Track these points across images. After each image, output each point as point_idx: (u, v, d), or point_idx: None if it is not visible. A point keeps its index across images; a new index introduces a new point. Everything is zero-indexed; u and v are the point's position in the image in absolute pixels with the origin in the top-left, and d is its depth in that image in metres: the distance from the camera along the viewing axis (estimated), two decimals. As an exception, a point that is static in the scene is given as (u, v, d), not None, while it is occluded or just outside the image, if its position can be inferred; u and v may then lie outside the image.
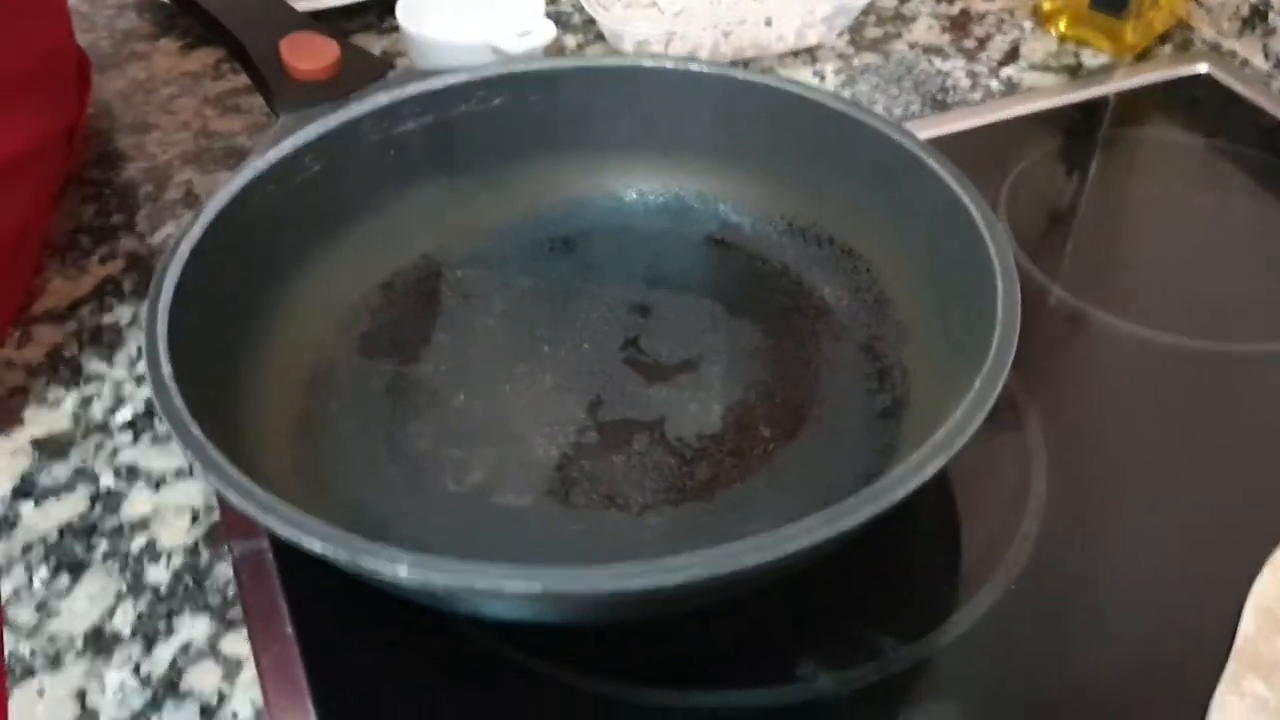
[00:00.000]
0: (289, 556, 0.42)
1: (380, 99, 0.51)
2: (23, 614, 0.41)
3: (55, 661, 0.39)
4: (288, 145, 0.49)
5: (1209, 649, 0.39)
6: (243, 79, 0.66)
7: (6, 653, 0.40)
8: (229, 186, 0.46)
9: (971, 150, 0.61)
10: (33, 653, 0.40)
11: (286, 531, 0.34)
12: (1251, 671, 0.38)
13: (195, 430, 0.37)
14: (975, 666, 0.40)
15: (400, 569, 0.33)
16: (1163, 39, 0.71)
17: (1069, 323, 0.52)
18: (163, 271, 0.42)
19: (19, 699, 0.39)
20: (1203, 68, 0.68)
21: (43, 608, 0.41)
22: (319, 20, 0.61)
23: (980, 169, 0.49)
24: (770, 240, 0.53)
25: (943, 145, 0.61)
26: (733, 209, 0.54)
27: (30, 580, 0.42)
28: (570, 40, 0.71)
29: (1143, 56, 0.69)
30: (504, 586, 0.33)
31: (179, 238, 0.44)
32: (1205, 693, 0.38)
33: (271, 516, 0.35)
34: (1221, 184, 0.60)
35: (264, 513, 0.35)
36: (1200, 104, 0.66)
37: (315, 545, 0.34)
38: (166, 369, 0.39)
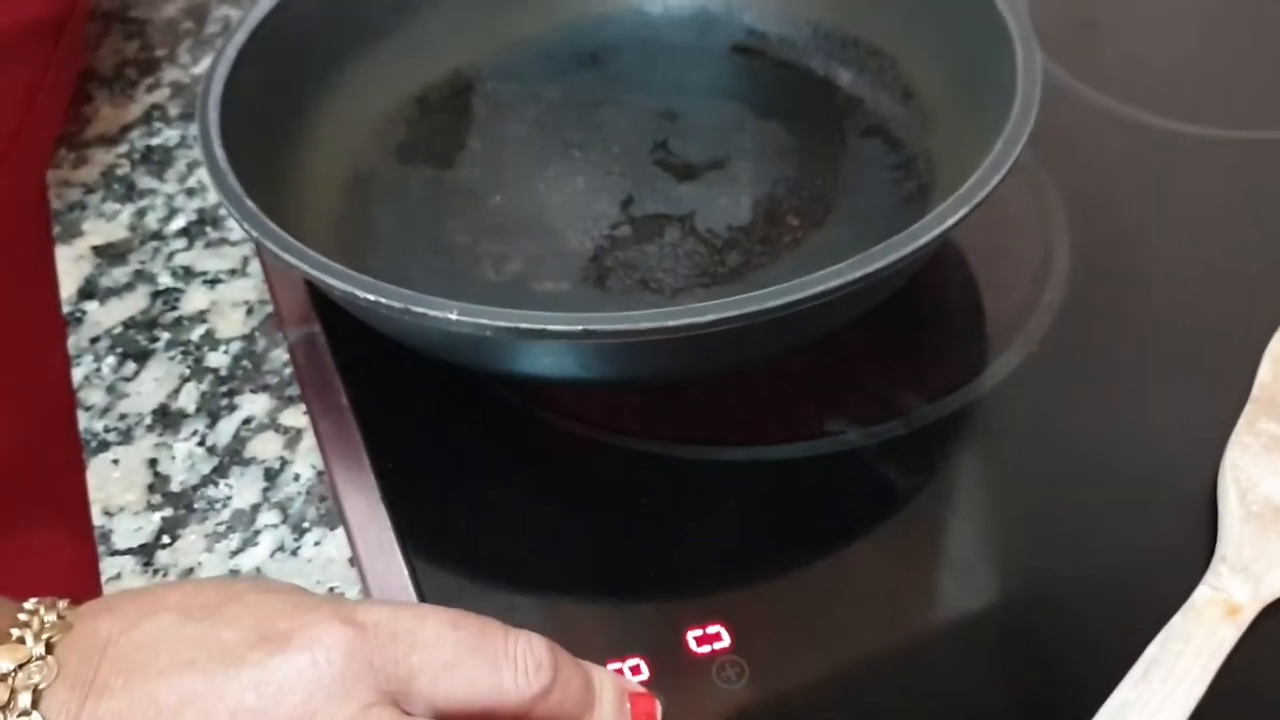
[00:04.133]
0: (341, 336, 0.44)
1: (410, -86, 0.52)
2: (94, 396, 0.43)
3: (127, 436, 0.42)
4: (323, -41, 0.50)
5: (1229, 403, 0.40)
6: (272, -80, 0.67)
7: (81, 429, 0.42)
8: (269, -1, 0.48)
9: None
10: (106, 429, 0.42)
11: (341, 286, 0.36)
12: (1266, 415, 0.39)
13: (250, 204, 0.39)
14: (997, 424, 0.42)
15: (450, 314, 0.35)
16: None
17: (1094, 118, 0.53)
18: (211, 72, 0.44)
19: (96, 468, 0.41)
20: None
21: (112, 391, 0.44)
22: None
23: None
24: (796, 45, 0.54)
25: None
26: (757, 18, 0.55)
27: (99, 368, 0.44)
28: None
29: None
30: (549, 328, 0.35)
31: (226, 41, 0.45)
32: (1222, 443, 0.39)
33: (326, 274, 0.37)
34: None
35: (319, 271, 0.37)
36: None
37: (369, 297, 0.36)
38: (220, 154, 0.41)
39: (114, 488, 0.40)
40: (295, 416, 0.42)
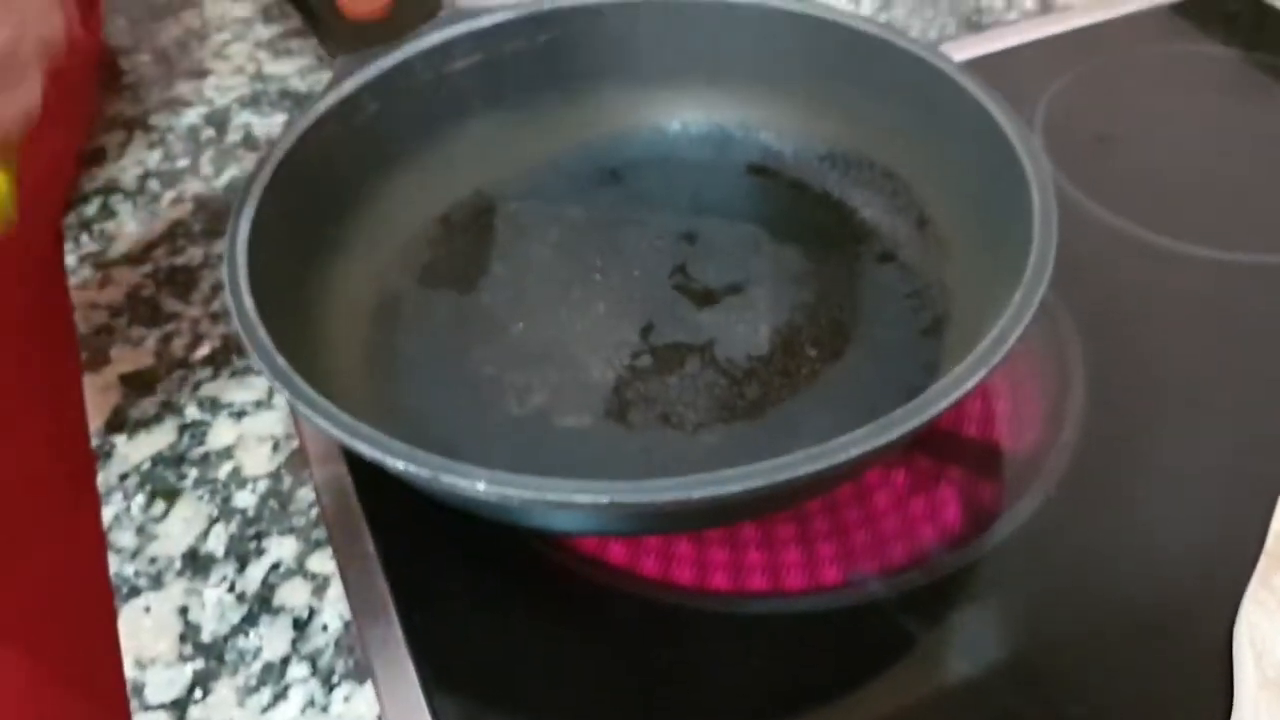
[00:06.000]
0: (367, 479, 0.44)
1: (432, 39, 0.53)
2: (124, 538, 0.44)
3: (157, 581, 0.43)
4: (347, 87, 0.51)
5: (1244, 550, 0.41)
6: (293, 22, 0.68)
7: (112, 574, 0.43)
8: (295, 128, 0.49)
9: (1008, 71, 0.62)
10: (136, 574, 0.43)
11: (370, 452, 0.37)
12: (1280, 568, 0.40)
13: (281, 361, 0.40)
14: (1018, 570, 0.42)
15: (479, 484, 0.36)
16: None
17: (1108, 239, 0.53)
18: (238, 212, 0.45)
19: (127, 616, 0.42)
20: (1239, -21, 0.68)
21: (142, 532, 0.44)
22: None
23: (1017, 89, 0.50)
24: (812, 166, 0.55)
25: (978, 67, 0.62)
26: (774, 137, 0.56)
27: (129, 507, 0.45)
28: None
29: (1179, -31, 0.70)
30: (574, 499, 0.36)
31: (251, 179, 0.46)
32: (1239, 589, 0.40)
33: (357, 439, 0.37)
34: (1259, 97, 0.61)
35: (350, 436, 0.37)
36: (1237, 16, 0.66)
37: (398, 464, 0.36)
38: (249, 303, 0.41)
39: (146, 637, 0.41)
40: (323, 562, 0.43)
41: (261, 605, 0.42)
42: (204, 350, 0.51)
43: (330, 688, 0.39)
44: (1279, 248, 0.52)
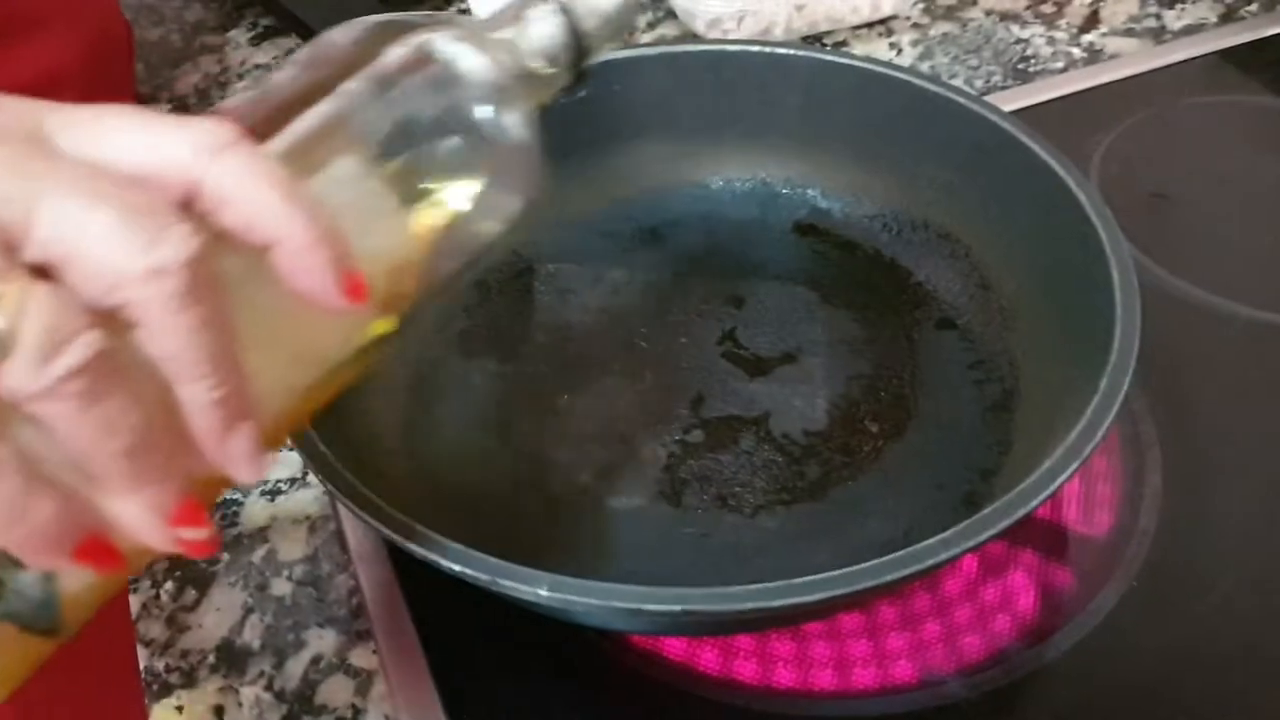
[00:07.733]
0: (409, 566, 0.42)
1: (467, 96, 0.51)
2: (154, 629, 0.42)
3: (190, 677, 0.40)
4: (379, 147, 0.49)
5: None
6: (315, 69, 0.66)
7: (142, 668, 0.41)
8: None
9: (1057, 123, 0.60)
10: (167, 668, 0.40)
11: (423, 554, 0.35)
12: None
13: (323, 448, 0.37)
14: (1101, 665, 0.40)
15: (540, 590, 0.33)
16: (1246, -4, 0.69)
17: (1170, 303, 0.51)
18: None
19: (158, 715, 0.39)
20: (1290, 26, 0.66)
21: (172, 622, 0.42)
22: (384, 4, 0.61)
23: (1069, 141, 0.48)
24: (862, 225, 0.53)
25: (1028, 118, 0.60)
26: (821, 194, 0.54)
27: (158, 594, 0.43)
28: (640, 19, 0.70)
29: (1228, 17, 0.68)
30: (645, 607, 0.33)
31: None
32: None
33: (410, 540, 0.35)
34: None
35: (403, 537, 0.35)
36: (1288, 64, 0.64)
37: (454, 567, 0.34)
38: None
39: (178, 741, 0.39)
40: (365, 656, 0.41)
41: (302, 704, 0.39)
42: (233, 423, 0.48)
43: (378, 799, 0.37)
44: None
